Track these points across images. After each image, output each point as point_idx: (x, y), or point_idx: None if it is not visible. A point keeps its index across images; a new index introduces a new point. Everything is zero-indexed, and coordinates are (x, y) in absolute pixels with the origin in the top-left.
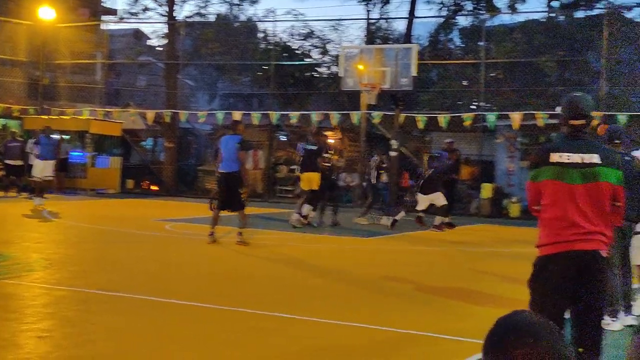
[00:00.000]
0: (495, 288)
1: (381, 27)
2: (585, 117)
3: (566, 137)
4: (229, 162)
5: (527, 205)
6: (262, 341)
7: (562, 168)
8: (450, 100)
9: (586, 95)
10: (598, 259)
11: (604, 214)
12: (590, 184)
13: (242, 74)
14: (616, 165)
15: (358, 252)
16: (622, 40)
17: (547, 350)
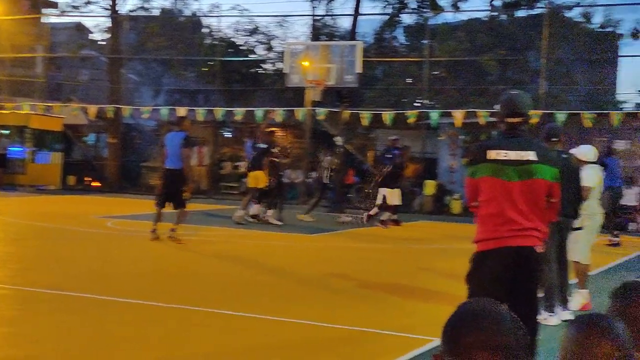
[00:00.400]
0: (439, 284)
1: (326, 23)
2: (522, 115)
3: (503, 134)
4: (174, 158)
5: None
6: (207, 339)
7: (499, 165)
8: (394, 97)
9: (523, 93)
10: (533, 255)
11: (539, 211)
12: (526, 181)
13: (187, 69)
14: (552, 162)
15: (303, 249)
16: (561, 40)
17: (495, 338)
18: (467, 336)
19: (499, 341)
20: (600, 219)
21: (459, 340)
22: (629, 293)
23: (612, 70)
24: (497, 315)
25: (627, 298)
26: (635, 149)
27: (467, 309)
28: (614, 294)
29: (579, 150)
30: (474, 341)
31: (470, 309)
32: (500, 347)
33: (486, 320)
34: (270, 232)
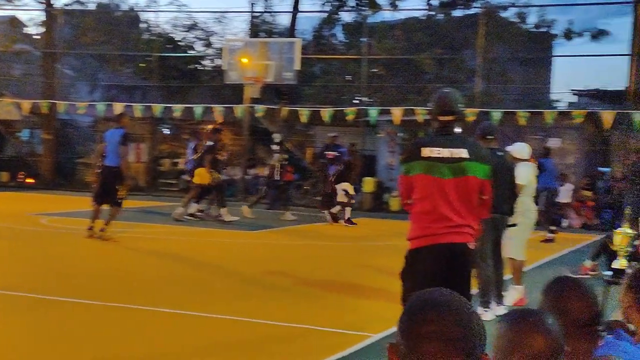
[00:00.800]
0: (378, 281)
1: (265, 20)
2: (454, 113)
3: (437, 132)
4: (111, 155)
5: None
6: (145, 338)
7: (432, 162)
8: (333, 94)
9: (455, 91)
10: (466, 251)
11: (472, 208)
12: (459, 178)
13: (124, 65)
14: (483, 160)
15: (243, 246)
16: (497, 39)
17: (451, 329)
18: (423, 326)
19: (454, 332)
20: (535, 216)
21: (415, 330)
22: (560, 287)
23: (546, 70)
24: (453, 305)
25: (559, 292)
26: (568, 147)
27: (424, 298)
28: (546, 288)
29: (514, 148)
30: (429, 331)
31: (427, 299)
32: (456, 338)
33: (442, 310)
34: (210, 228)
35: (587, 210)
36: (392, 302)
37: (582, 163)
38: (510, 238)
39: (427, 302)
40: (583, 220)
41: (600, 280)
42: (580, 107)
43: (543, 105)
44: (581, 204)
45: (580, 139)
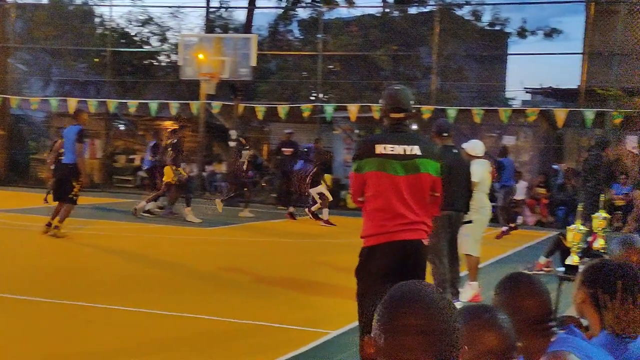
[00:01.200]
0: (334, 278)
1: (221, 16)
2: (405, 110)
3: (389, 129)
4: (67, 152)
5: None
6: (99, 335)
7: (385, 160)
8: (289, 91)
9: (405, 89)
10: (421, 248)
11: (425, 205)
12: (412, 175)
13: (77, 59)
14: (435, 157)
15: (199, 243)
16: (452, 37)
17: (429, 323)
18: (403, 319)
19: (435, 326)
20: (489, 213)
21: (394, 323)
22: (513, 285)
23: (501, 68)
24: (433, 299)
25: (512, 289)
26: (522, 145)
27: (403, 291)
28: (499, 285)
29: (468, 145)
30: (410, 324)
31: (407, 292)
32: (436, 331)
33: (423, 304)
34: (167, 225)
35: (542, 207)
36: (348, 298)
37: (536, 161)
38: (466, 235)
39: (406, 295)
40: (537, 218)
41: (554, 276)
42: (534, 105)
43: (498, 103)
44: (535, 202)
45: (535, 136)
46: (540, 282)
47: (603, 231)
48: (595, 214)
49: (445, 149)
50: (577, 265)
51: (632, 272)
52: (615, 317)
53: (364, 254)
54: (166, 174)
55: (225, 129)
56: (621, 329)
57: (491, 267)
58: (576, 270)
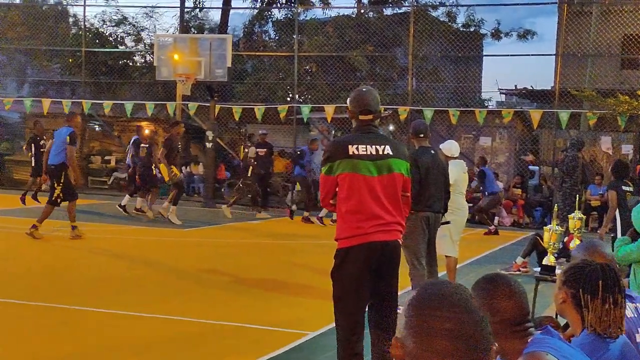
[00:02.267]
0: (310, 279)
1: (196, 16)
2: (373, 112)
3: (358, 130)
4: (54, 154)
5: None
6: (75, 337)
7: (358, 160)
8: (265, 92)
9: (372, 90)
10: (397, 248)
11: (398, 205)
12: (386, 175)
13: (52, 60)
14: (404, 157)
15: (177, 244)
16: (428, 38)
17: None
18: (437, 322)
19: (463, 330)
20: (466, 214)
21: (427, 326)
22: (489, 286)
23: (476, 69)
24: (464, 302)
25: (488, 291)
26: (498, 146)
27: (436, 293)
28: (475, 286)
29: (444, 146)
30: (444, 329)
31: (439, 294)
32: (465, 336)
33: (458, 307)
34: (144, 227)
35: (518, 208)
36: (326, 299)
37: (512, 162)
38: (444, 236)
39: (439, 297)
40: (514, 218)
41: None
42: (509, 106)
43: (474, 104)
44: (512, 202)
45: (510, 137)
46: (517, 283)
47: (579, 232)
48: (571, 214)
49: (422, 150)
50: (553, 265)
51: (613, 273)
52: (597, 317)
53: (340, 256)
54: (163, 174)
55: (202, 130)
56: (603, 329)
57: (468, 267)
58: (553, 271)
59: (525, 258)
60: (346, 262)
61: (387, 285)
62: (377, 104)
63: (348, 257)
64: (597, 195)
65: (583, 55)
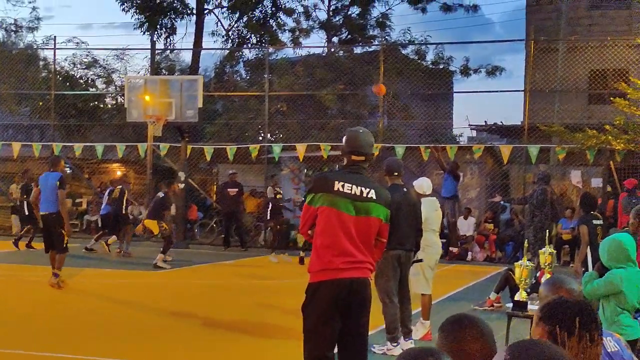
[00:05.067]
0: (282, 320)
1: (167, 57)
2: (366, 154)
3: (346, 169)
4: (48, 202)
5: None
6: None
7: (340, 198)
8: (236, 132)
9: (367, 132)
10: (367, 286)
11: (370, 247)
12: (363, 217)
13: (20, 103)
14: (386, 204)
15: (147, 286)
16: (398, 75)
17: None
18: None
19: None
20: (439, 251)
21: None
22: (457, 327)
23: (447, 105)
24: (486, 326)
25: (456, 332)
26: (469, 182)
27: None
28: (443, 327)
29: (416, 183)
30: (472, 348)
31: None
32: (489, 354)
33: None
34: (112, 269)
35: (490, 243)
36: (297, 340)
37: (483, 197)
38: (416, 273)
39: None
40: (486, 253)
41: (504, 313)
42: (480, 142)
43: (445, 140)
44: (484, 237)
45: (481, 173)
46: (484, 324)
47: (550, 267)
48: (542, 249)
49: (395, 188)
50: (525, 301)
51: (589, 309)
52: (574, 354)
53: (311, 290)
54: (152, 228)
55: (173, 171)
56: None
57: (442, 304)
58: (525, 307)
59: (498, 293)
60: (316, 297)
61: (355, 324)
62: (371, 147)
63: (318, 292)
64: (569, 229)
65: (551, 91)
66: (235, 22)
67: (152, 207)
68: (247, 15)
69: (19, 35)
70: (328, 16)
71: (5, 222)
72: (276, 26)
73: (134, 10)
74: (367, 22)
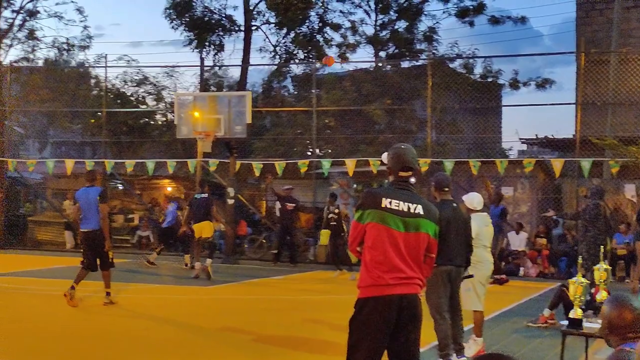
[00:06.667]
0: (329, 335)
1: (216, 73)
2: (412, 169)
3: (394, 185)
4: (91, 218)
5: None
6: None
7: (389, 214)
8: (284, 147)
9: (411, 147)
10: (417, 302)
11: (420, 263)
12: (412, 234)
13: (73, 121)
14: (434, 219)
15: (201, 302)
16: (446, 89)
17: None
18: None
19: None
20: (490, 267)
21: None
22: None
23: (496, 119)
24: None
25: None
26: (520, 196)
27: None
28: None
29: (466, 199)
30: None
31: None
32: None
33: None
34: (167, 285)
35: (543, 258)
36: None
37: (535, 211)
38: (468, 290)
39: None
40: (539, 269)
41: (559, 330)
42: (530, 155)
43: (494, 154)
44: (537, 253)
45: (532, 187)
46: None
47: (605, 283)
48: (596, 265)
49: (444, 203)
50: (580, 318)
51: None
52: None
53: (359, 305)
54: (200, 230)
55: (222, 187)
56: None
57: (494, 321)
58: (580, 324)
59: (552, 310)
60: (364, 312)
61: (405, 340)
62: (416, 161)
63: (366, 308)
64: (623, 244)
65: (603, 104)
66: (282, 38)
67: (199, 210)
68: (295, 31)
69: (71, 53)
70: (375, 31)
71: (59, 237)
72: (323, 41)
73: (183, 28)
74: (415, 36)
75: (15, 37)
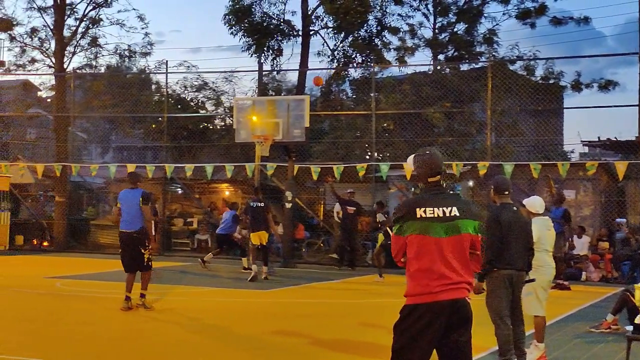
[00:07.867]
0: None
1: (274, 78)
2: (440, 172)
3: (427, 191)
4: (130, 219)
5: None
6: None
7: (426, 223)
8: (343, 151)
9: (435, 151)
10: (465, 306)
11: (467, 263)
12: (454, 237)
13: (135, 126)
14: (473, 216)
15: (255, 305)
16: (506, 92)
17: None
18: None
19: None
20: (551, 272)
21: None
22: None
23: (557, 121)
24: None
25: None
26: (582, 199)
27: None
28: None
29: (527, 202)
30: None
31: None
32: None
33: None
34: (222, 288)
35: (606, 262)
36: None
37: (598, 214)
38: (529, 294)
39: None
40: (602, 273)
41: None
42: (593, 158)
43: (556, 157)
44: (599, 257)
45: (595, 190)
46: None
47: None
48: None
49: (504, 207)
50: None
51: None
52: None
53: (405, 311)
54: (264, 239)
55: (280, 191)
56: None
57: (556, 326)
58: None
59: (615, 315)
60: (409, 318)
61: (455, 344)
62: (443, 165)
63: (412, 314)
64: None
65: None
66: (340, 42)
67: (255, 219)
68: (353, 35)
69: (133, 60)
70: (434, 34)
71: None
72: (381, 45)
73: (241, 34)
74: (474, 39)
75: (79, 45)
